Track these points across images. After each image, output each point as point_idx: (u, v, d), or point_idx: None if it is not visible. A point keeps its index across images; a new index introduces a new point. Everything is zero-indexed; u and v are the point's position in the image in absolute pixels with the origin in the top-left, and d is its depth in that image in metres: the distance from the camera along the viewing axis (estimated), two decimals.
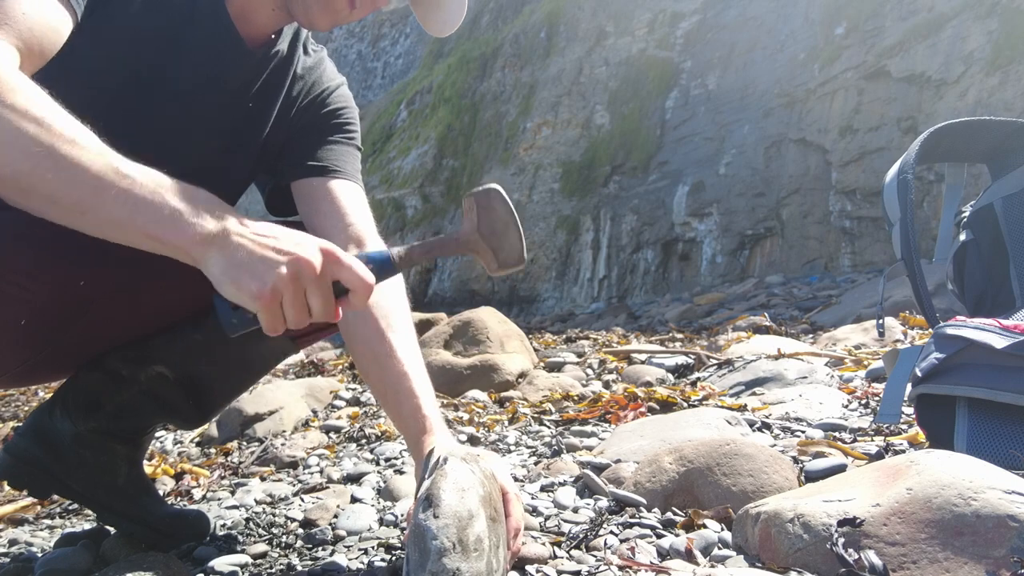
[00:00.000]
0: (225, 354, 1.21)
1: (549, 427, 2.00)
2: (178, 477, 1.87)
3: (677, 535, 1.06)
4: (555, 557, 0.99)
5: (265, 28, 1.11)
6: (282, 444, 2.05)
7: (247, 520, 1.38)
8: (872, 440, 1.51)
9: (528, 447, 1.78)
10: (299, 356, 4.84)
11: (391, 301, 1.12)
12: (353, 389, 2.89)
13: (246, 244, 0.79)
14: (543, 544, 1.04)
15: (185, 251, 0.79)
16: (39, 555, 1.27)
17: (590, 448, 1.70)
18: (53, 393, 1.21)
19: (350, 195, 1.19)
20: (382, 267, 0.89)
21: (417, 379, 1.07)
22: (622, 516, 1.16)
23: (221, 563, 1.13)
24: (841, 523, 0.85)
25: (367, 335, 1.08)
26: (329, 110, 1.24)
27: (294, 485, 1.68)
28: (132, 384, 1.18)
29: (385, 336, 1.08)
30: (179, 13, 1.04)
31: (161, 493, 1.66)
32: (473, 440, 1.92)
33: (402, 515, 1.30)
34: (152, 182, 0.79)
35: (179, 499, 1.69)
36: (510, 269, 0.95)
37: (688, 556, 0.98)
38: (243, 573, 1.10)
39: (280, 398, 2.48)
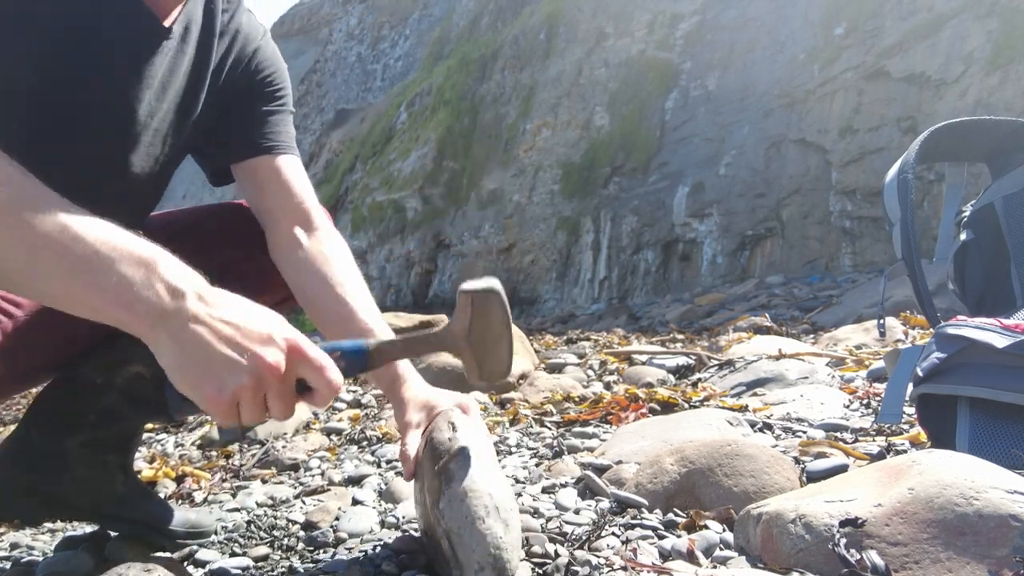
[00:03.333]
0: None
1: (550, 428, 2.00)
2: (179, 480, 1.87)
3: (679, 536, 1.06)
4: (557, 557, 0.99)
5: None
6: (283, 446, 2.05)
7: (248, 523, 1.38)
8: (873, 440, 1.51)
9: (529, 448, 1.78)
10: None
11: (344, 267, 1.16)
12: (354, 391, 2.89)
13: (204, 335, 0.69)
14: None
15: (132, 329, 0.70)
16: (40, 559, 1.27)
17: (591, 449, 1.70)
18: (22, 418, 1.19)
19: (292, 171, 1.18)
20: (354, 362, 0.83)
21: (380, 332, 1.11)
22: (624, 517, 1.16)
23: (223, 565, 1.13)
24: (843, 523, 0.85)
25: (328, 303, 1.12)
26: (260, 78, 1.18)
27: (295, 487, 1.68)
28: (109, 390, 1.16)
29: (344, 301, 1.12)
30: (83, 5, 0.93)
31: (162, 496, 1.66)
32: None
33: (403, 517, 1.30)
34: (95, 241, 0.68)
35: (180, 501, 1.69)
36: (491, 383, 0.90)
37: (690, 557, 0.98)
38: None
39: None
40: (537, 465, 1.60)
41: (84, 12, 0.93)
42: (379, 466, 1.80)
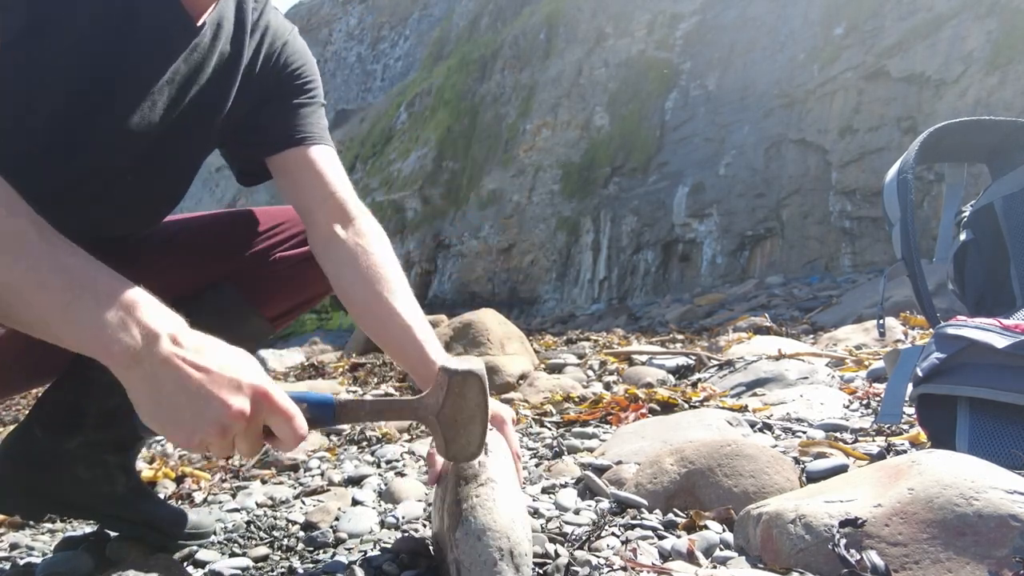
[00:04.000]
0: None
1: (550, 429, 2.00)
2: (179, 480, 1.87)
3: (679, 536, 1.06)
4: (557, 557, 0.99)
5: None
6: None
7: (248, 523, 1.38)
8: (873, 440, 1.51)
9: (529, 449, 1.78)
10: (300, 358, 4.83)
11: (383, 261, 1.14)
12: (354, 392, 2.89)
13: (173, 381, 0.70)
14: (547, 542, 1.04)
15: (108, 366, 0.71)
16: (40, 559, 1.27)
17: (591, 450, 1.70)
18: (27, 415, 1.19)
19: (326, 161, 1.18)
20: (320, 416, 0.84)
21: (419, 329, 1.11)
22: (623, 517, 1.16)
23: (222, 566, 1.13)
24: (843, 523, 0.85)
25: (367, 299, 1.11)
26: (290, 71, 1.18)
27: (295, 488, 1.68)
28: (115, 390, 1.15)
29: (383, 298, 1.10)
30: (118, 5, 0.94)
31: (162, 496, 1.66)
32: None
33: (403, 517, 1.30)
34: (78, 278, 0.70)
35: (180, 502, 1.69)
36: (457, 462, 0.90)
37: (690, 557, 0.98)
38: None
39: None
40: (537, 465, 1.60)
41: (119, 9, 0.94)
42: (379, 466, 1.80)
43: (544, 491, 1.36)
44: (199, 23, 1.03)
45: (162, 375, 0.71)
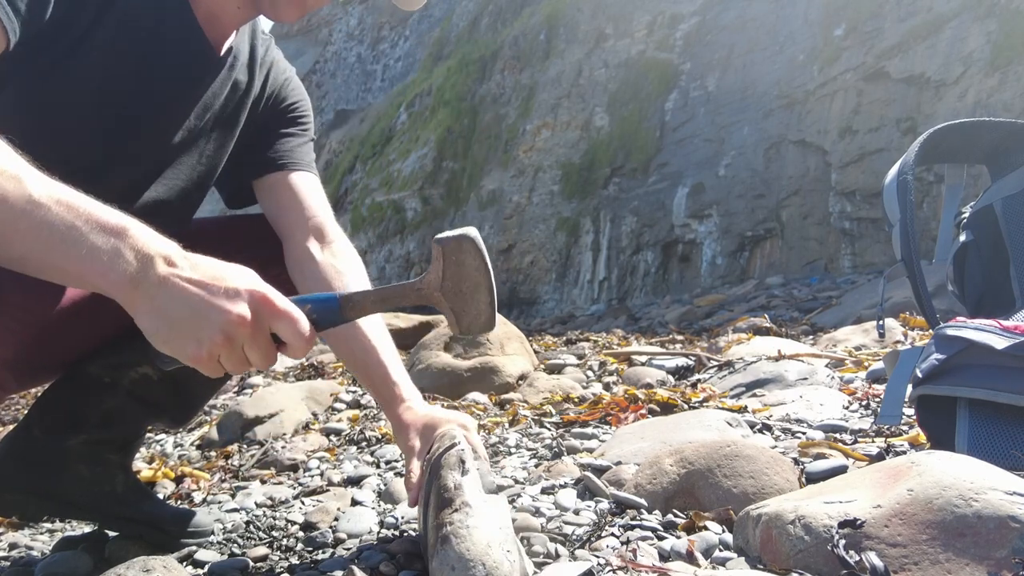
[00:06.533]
0: None
1: (550, 429, 2.00)
2: (178, 480, 1.87)
3: (678, 537, 1.06)
4: (558, 557, 0.99)
5: (230, 27, 1.10)
6: (282, 447, 2.05)
7: (247, 523, 1.38)
8: (873, 441, 1.51)
9: (529, 449, 1.78)
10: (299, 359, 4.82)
11: (356, 282, 1.19)
12: (353, 392, 2.89)
13: (172, 298, 0.72)
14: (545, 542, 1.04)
15: (111, 295, 0.72)
16: (39, 559, 1.27)
17: (591, 450, 1.70)
18: (25, 415, 1.20)
19: (309, 187, 1.24)
20: (326, 314, 0.81)
21: (384, 350, 1.14)
22: (623, 518, 1.16)
23: (222, 566, 1.13)
24: (842, 524, 0.85)
25: None
26: (286, 105, 1.27)
27: (294, 488, 1.68)
28: (117, 390, 1.17)
29: None
30: (146, 30, 1.00)
31: (161, 496, 1.66)
32: None
33: (402, 518, 1.30)
34: (70, 212, 0.70)
35: (179, 502, 1.69)
36: (473, 334, 0.85)
37: (689, 558, 0.98)
38: None
39: (280, 401, 2.48)
40: (536, 466, 1.60)
41: (146, 37, 1.00)
42: (378, 467, 1.80)
43: (544, 491, 1.36)
44: (220, 53, 1.10)
45: (162, 295, 0.72)
